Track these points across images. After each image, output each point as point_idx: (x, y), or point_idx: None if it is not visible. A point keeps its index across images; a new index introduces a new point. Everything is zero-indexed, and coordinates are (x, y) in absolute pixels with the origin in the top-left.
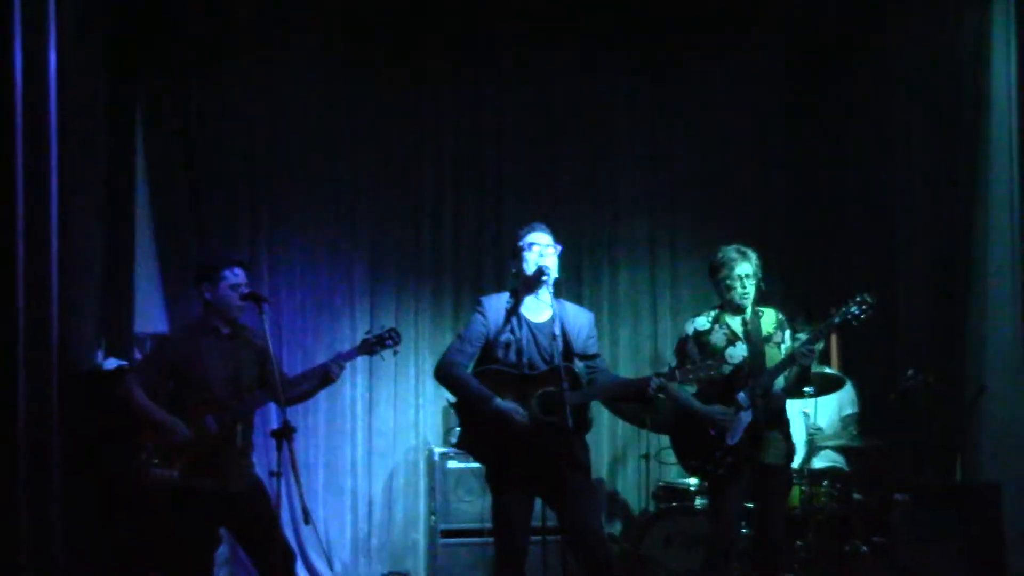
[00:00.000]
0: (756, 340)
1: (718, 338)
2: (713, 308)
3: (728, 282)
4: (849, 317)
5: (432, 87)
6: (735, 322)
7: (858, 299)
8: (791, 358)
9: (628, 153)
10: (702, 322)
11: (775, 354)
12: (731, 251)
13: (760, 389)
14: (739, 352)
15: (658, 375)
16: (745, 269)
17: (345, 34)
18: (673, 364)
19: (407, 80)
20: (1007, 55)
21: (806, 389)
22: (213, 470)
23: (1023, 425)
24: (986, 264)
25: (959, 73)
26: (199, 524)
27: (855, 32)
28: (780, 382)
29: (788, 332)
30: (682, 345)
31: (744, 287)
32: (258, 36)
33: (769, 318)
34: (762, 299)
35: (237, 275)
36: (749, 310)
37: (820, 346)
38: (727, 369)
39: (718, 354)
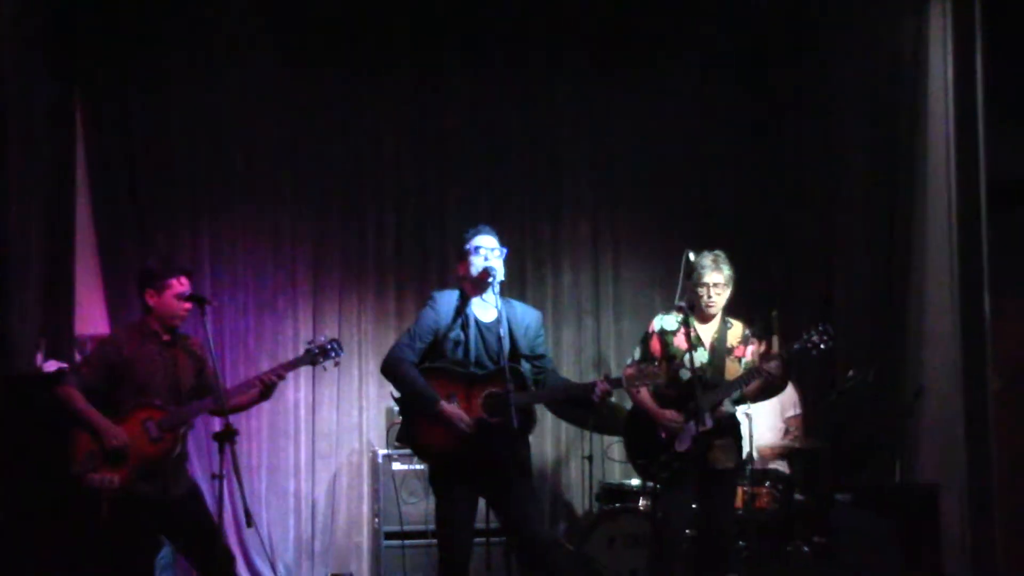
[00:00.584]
0: (719, 350)
1: (681, 340)
2: (684, 307)
3: (697, 289)
4: (809, 346)
5: (372, 89)
6: (700, 328)
7: (820, 328)
8: (753, 372)
9: (571, 154)
10: (669, 322)
11: (735, 367)
12: (705, 258)
13: (714, 402)
14: (699, 358)
15: (604, 380)
16: (715, 279)
17: (285, 38)
18: (630, 360)
19: (348, 83)
20: (944, 58)
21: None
22: (153, 476)
23: (961, 426)
24: (924, 265)
25: (898, 75)
26: (140, 530)
27: (797, 36)
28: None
29: (751, 348)
30: (646, 340)
31: (710, 296)
32: (199, 39)
33: (736, 331)
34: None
35: (183, 283)
36: (718, 319)
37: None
38: (685, 375)
39: (678, 356)
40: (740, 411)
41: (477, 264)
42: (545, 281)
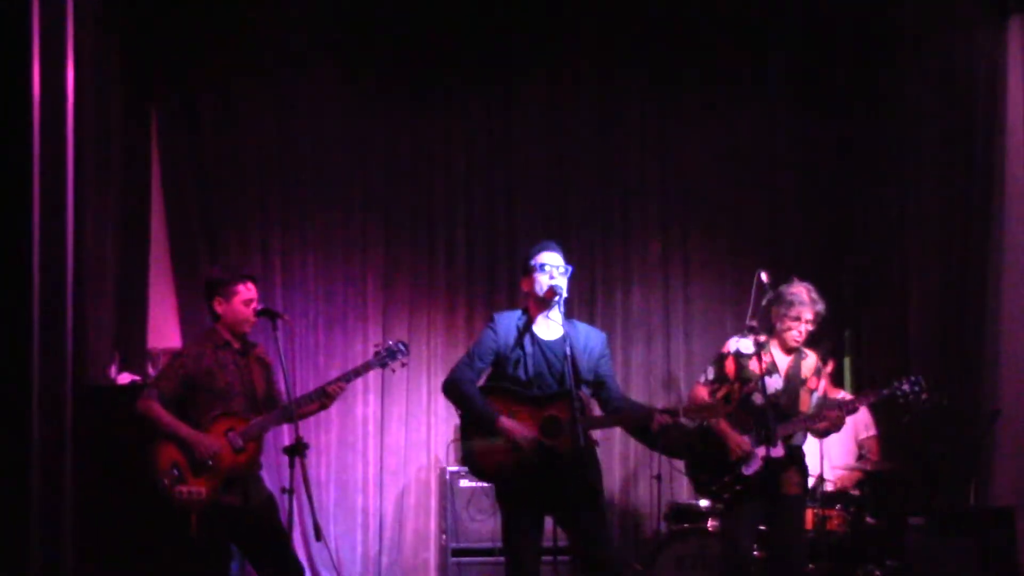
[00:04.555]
0: (794, 380)
1: (756, 364)
2: (755, 327)
3: (787, 321)
4: (899, 394)
5: (443, 105)
6: (777, 355)
7: (912, 379)
8: (818, 417)
9: (641, 174)
10: (745, 344)
11: (808, 398)
12: (802, 293)
13: (786, 433)
14: (774, 384)
15: (662, 413)
16: (808, 315)
17: (355, 55)
18: (703, 379)
19: (418, 98)
20: (1022, 77)
21: None
22: (236, 486)
23: None
24: (1000, 286)
25: (974, 94)
26: (220, 541)
27: (869, 55)
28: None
29: (823, 382)
30: (720, 360)
31: (799, 332)
32: (269, 56)
33: (810, 363)
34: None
35: (249, 289)
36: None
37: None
38: (758, 399)
39: (752, 380)
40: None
41: (542, 282)
42: (615, 301)
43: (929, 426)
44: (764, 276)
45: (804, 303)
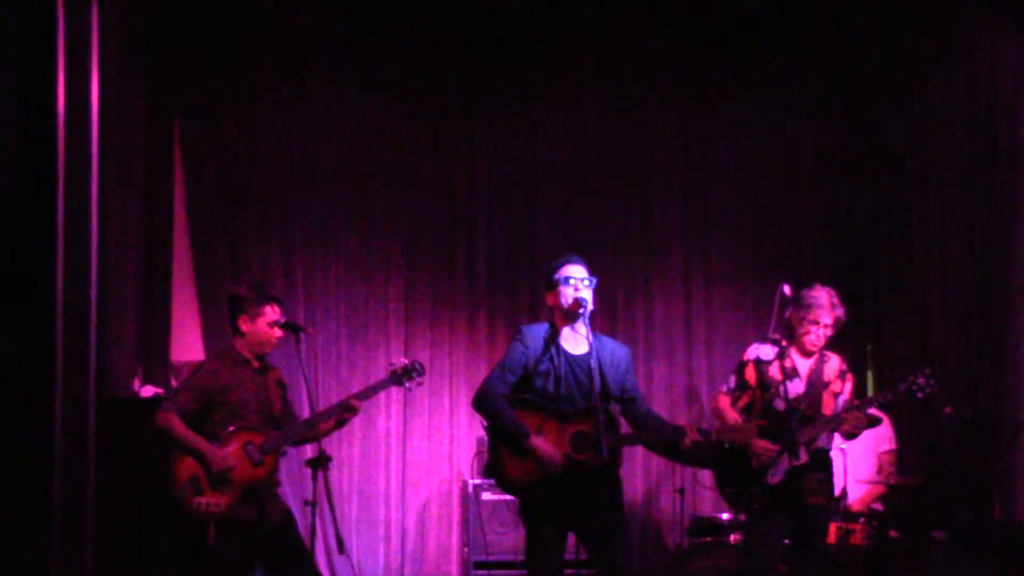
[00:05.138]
0: (816, 384)
1: (776, 371)
2: (778, 340)
3: (806, 324)
4: (915, 388)
5: (464, 118)
6: (798, 359)
7: (927, 371)
8: (841, 419)
9: (663, 186)
10: (766, 351)
11: (832, 402)
12: (822, 297)
13: (810, 437)
14: (795, 389)
15: (694, 431)
16: (826, 319)
17: (376, 70)
18: (725, 388)
19: (439, 112)
20: None
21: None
22: (253, 500)
23: None
24: None
25: (997, 108)
26: (239, 555)
27: (891, 74)
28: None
29: (848, 385)
30: (741, 368)
31: (817, 336)
32: (292, 69)
33: (833, 365)
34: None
35: (275, 311)
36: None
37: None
38: (780, 405)
39: (773, 387)
40: (834, 445)
41: (567, 294)
42: (636, 313)
43: (953, 439)
44: (787, 289)
45: (823, 307)
